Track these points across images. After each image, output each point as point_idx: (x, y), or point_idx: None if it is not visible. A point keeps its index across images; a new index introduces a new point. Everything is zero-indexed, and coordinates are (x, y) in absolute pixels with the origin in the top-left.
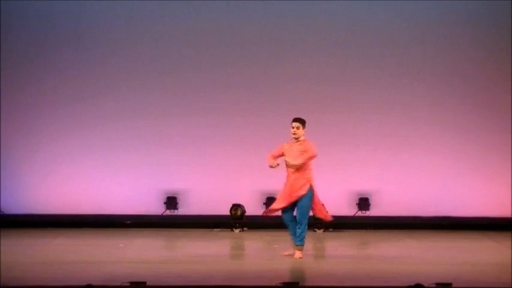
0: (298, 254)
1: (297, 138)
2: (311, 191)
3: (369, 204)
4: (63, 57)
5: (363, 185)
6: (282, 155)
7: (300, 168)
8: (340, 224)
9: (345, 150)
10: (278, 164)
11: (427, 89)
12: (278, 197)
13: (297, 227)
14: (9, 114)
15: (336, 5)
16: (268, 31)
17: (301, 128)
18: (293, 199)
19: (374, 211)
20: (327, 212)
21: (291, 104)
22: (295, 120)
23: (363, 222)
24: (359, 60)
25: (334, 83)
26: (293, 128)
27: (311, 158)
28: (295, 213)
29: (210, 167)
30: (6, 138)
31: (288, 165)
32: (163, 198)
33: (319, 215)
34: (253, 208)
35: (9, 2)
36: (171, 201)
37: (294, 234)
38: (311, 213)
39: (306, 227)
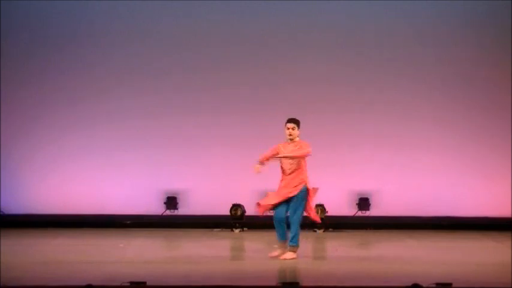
0: (290, 254)
1: (292, 139)
2: (305, 191)
3: (369, 204)
4: (63, 57)
5: (363, 185)
6: (277, 155)
7: (295, 169)
8: (340, 224)
9: (345, 150)
10: (260, 171)
11: (427, 89)
12: (270, 194)
13: (291, 227)
14: (9, 114)
15: (336, 5)
16: (268, 31)
17: (296, 128)
18: (285, 197)
19: (374, 211)
20: (317, 214)
21: (291, 104)
22: (290, 121)
23: (363, 222)
24: (359, 60)
25: (334, 83)
26: (288, 129)
27: (306, 154)
28: (287, 214)
29: (210, 167)
30: (6, 138)
31: (283, 167)
32: (163, 198)
33: (309, 215)
34: (253, 208)
35: (9, 2)
36: (171, 201)
37: (282, 234)
38: (305, 214)
39: (299, 227)
